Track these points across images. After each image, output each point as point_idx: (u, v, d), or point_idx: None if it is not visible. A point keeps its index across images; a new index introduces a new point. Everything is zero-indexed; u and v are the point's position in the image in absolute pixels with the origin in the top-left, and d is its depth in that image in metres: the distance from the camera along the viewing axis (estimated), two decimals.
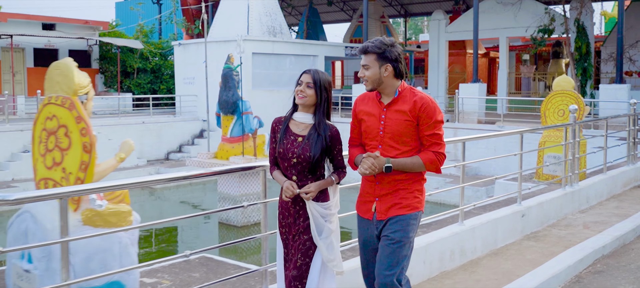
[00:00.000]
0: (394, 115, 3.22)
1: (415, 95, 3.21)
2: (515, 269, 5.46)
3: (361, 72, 3.27)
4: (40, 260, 3.51)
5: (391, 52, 3.20)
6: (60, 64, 3.73)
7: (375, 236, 3.34)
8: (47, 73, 3.79)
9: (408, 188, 3.25)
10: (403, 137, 3.21)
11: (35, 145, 3.83)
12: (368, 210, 3.35)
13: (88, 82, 3.78)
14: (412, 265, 4.99)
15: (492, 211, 6.48)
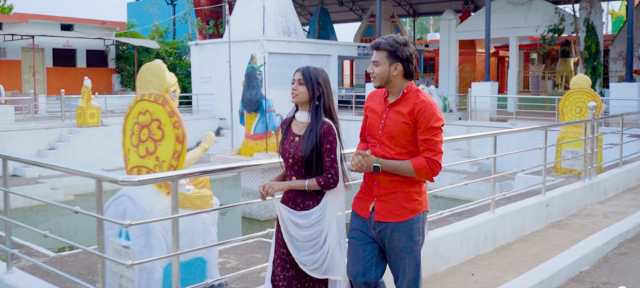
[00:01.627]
0: (394, 116, 3.17)
1: (417, 98, 3.13)
2: (544, 253, 5.93)
3: (371, 68, 3.21)
4: (139, 238, 4.00)
5: (403, 51, 3.14)
6: (152, 65, 4.21)
7: (370, 235, 3.27)
8: (139, 73, 4.28)
9: (406, 191, 3.19)
10: (399, 138, 3.15)
11: (127, 137, 4.32)
12: (365, 209, 3.28)
13: (175, 81, 4.27)
14: (451, 248, 5.51)
15: (519, 201, 6.95)
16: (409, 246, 3.19)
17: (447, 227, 5.69)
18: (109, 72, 28.38)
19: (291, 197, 3.22)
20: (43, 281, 4.27)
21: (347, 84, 37.94)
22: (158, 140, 4.09)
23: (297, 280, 3.21)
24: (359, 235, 3.29)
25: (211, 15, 29.93)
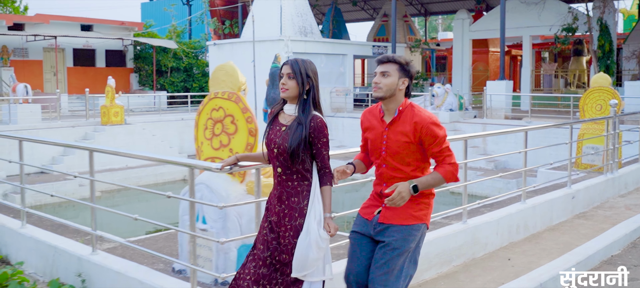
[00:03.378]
0: (396, 136, 3.21)
1: (414, 116, 3.18)
2: (573, 241, 6.32)
3: (378, 77, 3.21)
4: (216, 221, 4.44)
5: (411, 69, 3.24)
6: (225, 66, 4.64)
7: (369, 235, 3.31)
8: (212, 73, 4.72)
9: (416, 201, 3.23)
10: (405, 158, 3.21)
11: (200, 131, 4.75)
12: (370, 213, 3.33)
13: (245, 80, 4.70)
14: (487, 235, 5.92)
15: (547, 193, 7.35)
16: (403, 250, 3.17)
17: (483, 216, 6.11)
18: (127, 71, 28.90)
19: (276, 194, 3.17)
20: (126, 260, 4.70)
21: (358, 82, 38.34)
22: (231, 133, 4.52)
23: (267, 279, 3.12)
24: (358, 237, 3.34)
25: (226, 15, 30.42)
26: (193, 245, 3.94)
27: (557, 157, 13.20)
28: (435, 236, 5.30)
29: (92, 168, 4.73)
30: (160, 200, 17.53)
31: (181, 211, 4.76)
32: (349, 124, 21.09)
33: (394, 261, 3.15)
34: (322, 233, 3.05)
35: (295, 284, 3.12)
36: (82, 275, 4.66)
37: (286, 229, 3.10)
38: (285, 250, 3.10)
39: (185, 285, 4.06)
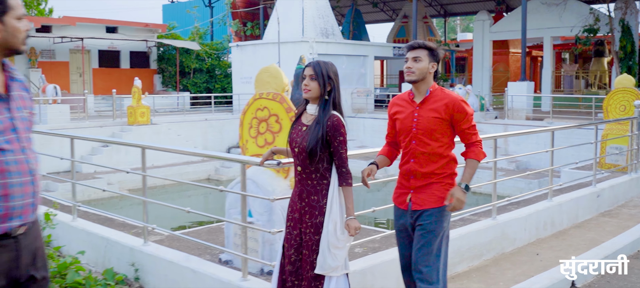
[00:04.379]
0: (427, 113, 3.43)
1: (446, 96, 3.43)
2: (599, 237, 6.51)
3: (410, 63, 3.42)
4: (262, 214, 4.71)
5: (439, 54, 3.50)
6: (270, 68, 4.92)
7: (410, 224, 3.52)
8: (257, 75, 5.00)
9: (441, 182, 3.46)
10: (435, 133, 3.42)
11: (245, 130, 5.04)
12: (403, 202, 3.54)
13: (288, 82, 4.96)
14: (516, 231, 6.13)
15: (573, 191, 7.54)
16: (437, 230, 3.42)
17: (512, 213, 6.32)
18: (151, 72, 29.40)
19: (297, 192, 3.30)
20: (175, 250, 5.00)
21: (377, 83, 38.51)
22: (276, 132, 4.79)
23: (294, 276, 3.28)
24: (401, 231, 3.59)
25: (247, 17, 30.81)
26: (244, 235, 4.21)
27: (579, 157, 13.29)
28: (466, 231, 5.54)
29: (144, 164, 5.04)
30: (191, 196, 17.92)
31: (228, 205, 5.04)
32: (370, 125, 21.29)
33: (431, 242, 3.41)
34: (339, 235, 3.17)
35: (318, 279, 3.22)
36: (135, 264, 4.96)
37: (307, 226, 3.23)
38: (306, 246, 3.23)
39: (237, 273, 4.34)
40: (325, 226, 3.18)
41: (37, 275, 2.32)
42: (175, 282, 4.65)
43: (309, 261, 3.22)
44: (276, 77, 4.85)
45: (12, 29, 2.21)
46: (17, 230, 2.22)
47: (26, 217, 2.23)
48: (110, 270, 4.93)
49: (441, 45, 30.75)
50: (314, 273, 3.20)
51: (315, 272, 3.20)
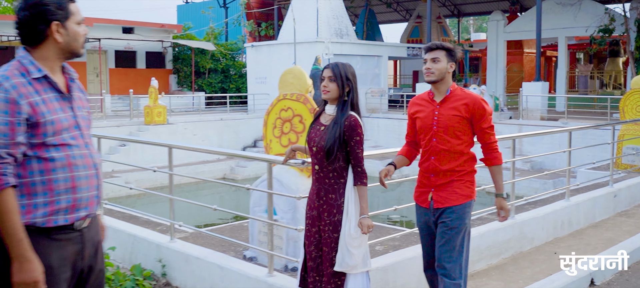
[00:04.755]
0: (447, 112, 3.52)
1: (467, 96, 3.52)
2: (616, 237, 6.57)
3: (429, 63, 3.52)
4: (286, 212, 4.84)
5: (457, 54, 3.60)
6: (294, 69, 5.04)
7: (433, 223, 3.62)
8: (281, 76, 5.12)
9: (461, 180, 3.55)
10: (456, 131, 3.52)
11: (269, 130, 5.16)
12: (425, 200, 3.64)
13: (311, 83, 5.08)
14: (533, 230, 6.20)
15: (590, 191, 7.59)
16: (459, 227, 3.51)
17: (530, 212, 6.40)
18: (166, 72, 29.67)
19: (315, 190, 3.37)
20: (201, 247, 5.14)
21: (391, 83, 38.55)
22: (299, 132, 4.91)
23: (315, 271, 3.37)
24: (424, 229, 3.70)
25: (261, 17, 30.97)
26: (271, 233, 4.34)
27: (594, 157, 13.31)
28: (485, 230, 5.62)
29: (171, 162, 5.18)
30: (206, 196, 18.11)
31: (252, 203, 5.17)
32: (384, 125, 21.37)
33: (454, 239, 3.51)
34: (353, 232, 3.24)
35: (337, 276, 3.29)
36: (162, 260, 5.10)
37: (325, 224, 3.30)
38: (325, 243, 3.31)
39: (263, 269, 4.46)
40: (343, 225, 3.26)
41: (96, 267, 2.46)
42: (202, 277, 4.78)
43: (329, 258, 3.29)
44: (300, 79, 4.97)
45: (73, 34, 2.35)
46: (82, 224, 2.36)
47: (91, 209, 2.38)
48: (138, 266, 5.07)
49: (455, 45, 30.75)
50: (333, 270, 3.28)
51: (335, 269, 3.28)
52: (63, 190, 2.27)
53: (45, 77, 2.29)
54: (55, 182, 2.25)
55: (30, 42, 2.31)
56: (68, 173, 2.27)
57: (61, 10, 2.30)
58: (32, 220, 2.22)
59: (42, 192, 2.24)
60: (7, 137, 2.15)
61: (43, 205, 2.24)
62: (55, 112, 2.27)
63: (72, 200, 2.29)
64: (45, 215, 2.24)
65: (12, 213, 2.13)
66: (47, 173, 2.24)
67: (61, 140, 2.28)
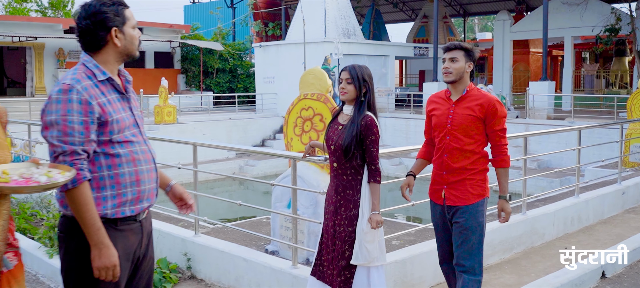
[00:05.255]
0: (462, 111, 3.58)
1: (482, 96, 3.56)
2: (625, 233, 6.73)
3: (448, 63, 3.59)
4: (308, 208, 5.03)
5: (475, 53, 3.63)
6: (314, 70, 5.23)
7: (447, 220, 3.70)
8: (302, 76, 5.30)
9: (474, 179, 3.60)
10: (469, 130, 3.57)
11: (290, 128, 5.35)
12: (439, 197, 3.71)
13: (331, 83, 5.27)
14: (544, 226, 6.38)
15: (599, 188, 7.76)
16: (474, 226, 3.58)
17: (540, 209, 6.57)
18: (174, 72, 29.91)
19: (333, 186, 3.52)
20: (225, 241, 5.33)
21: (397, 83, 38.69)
22: (320, 130, 5.10)
23: (332, 264, 3.49)
24: (439, 221, 3.76)
25: (268, 17, 31.16)
26: (295, 227, 4.53)
27: (601, 155, 13.48)
28: (498, 225, 5.78)
29: (196, 160, 5.38)
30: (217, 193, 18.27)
31: (274, 199, 5.36)
32: (391, 124, 21.54)
33: (470, 238, 3.59)
34: (365, 228, 3.37)
35: (348, 269, 3.41)
36: (187, 254, 5.30)
37: (342, 218, 3.43)
38: (339, 237, 3.44)
39: (286, 262, 4.65)
40: (359, 220, 3.40)
41: (148, 254, 2.67)
42: (227, 270, 4.97)
43: (341, 251, 3.42)
44: (320, 79, 5.16)
45: (130, 37, 2.54)
46: (142, 215, 2.57)
47: (152, 200, 2.58)
48: (164, 260, 5.26)
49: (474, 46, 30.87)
50: (344, 263, 3.42)
51: (352, 262, 3.40)
52: (128, 184, 2.47)
53: (109, 80, 2.49)
54: (121, 176, 2.45)
55: (91, 48, 2.50)
56: (132, 168, 2.48)
57: (118, 17, 2.50)
58: (103, 212, 2.42)
59: (110, 186, 2.44)
60: (82, 135, 2.34)
61: (111, 197, 2.44)
62: (118, 112, 2.47)
63: (137, 192, 2.50)
64: (114, 206, 2.44)
65: (91, 205, 2.33)
66: (114, 168, 2.44)
67: (124, 138, 2.48)
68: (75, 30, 2.52)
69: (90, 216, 2.32)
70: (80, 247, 2.40)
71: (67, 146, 2.31)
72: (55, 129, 2.32)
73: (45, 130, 2.34)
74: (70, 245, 2.44)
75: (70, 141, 2.32)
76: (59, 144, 2.32)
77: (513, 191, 6.28)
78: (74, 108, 2.33)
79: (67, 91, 2.34)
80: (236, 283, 4.88)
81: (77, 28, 2.49)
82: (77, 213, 2.33)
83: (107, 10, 2.46)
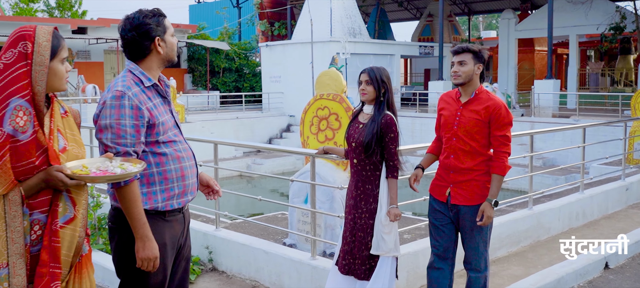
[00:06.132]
0: (469, 114, 3.60)
1: (489, 100, 3.58)
2: (629, 227, 6.94)
3: (456, 67, 3.60)
4: (324, 202, 5.27)
5: (484, 55, 3.64)
6: (330, 72, 5.48)
7: (449, 218, 3.73)
8: (317, 77, 5.55)
9: (480, 180, 3.63)
10: (474, 134, 3.59)
11: (306, 127, 5.60)
12: (442, 194, 3.74)
13: (346, 84, 5.51)
14: (550, 221, 6.61)
15: (603, 185, 7.98)
16: (479, 227, 3.63)
17: (546, 204, 6.80)
18: (181, 72, 30.20)
19: (353, 182, 3.70)
20: (245, 235, 5.58)
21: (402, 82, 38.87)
22: (336, 129, 5.34)
23: (351, 255, 3.67)
24: (440, 216, 3.76)
25: (273, 17, 31.41)
26: (314, 220, 4.77)
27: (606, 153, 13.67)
28: (506, 219, 6.04)
29: (216, 157, 5.63)
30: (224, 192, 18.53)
31: (291, 194, 5.62)
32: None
33: (477, 237, 3.68)
34: (383, 220, 3.56)
35: (372, 258, 3.62)
36: (209, 247, 5.55)
37: (362, 211, 3.62)
38: (360, 229, 3.63)
39: (306, 254, 4.90)
40: (377, 213, 3.61)
41: (187, 242, 2.94)
42: (248, 262, 5.22)
43: (364, 242, 3.62)
44: (336, 80, 5.40)
45: (170, 45, 2.79)
46: (186, 206, 2.81)
47: (194, 193, 2.84)
48: None
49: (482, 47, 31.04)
50: (367, 252, 3.62)
51: (371, 252, 3.61)
52: (175, 179, 2.72)
53: (154, 86, 2.73)
54: (168, 172, 2.70)
55: (137, 57, 2.74)
56: (177, 165, 2.73)
57: (159, 27, 2.74)
58: (154, 205, 2.68)
59: (159, 181, 2.69)
60: (134, 137, 2.58)
61: (160, 192, 2.69)
62: (162, 115, 2.72)
63: (182, 186, 2.75)
64: (163, 200, 2.70)
65: (139, 201, 2.56)
66: (161, 165, 2.69)
67: (168, 138, 2.73)
68: (121, 41, 2.76)
69: (138, 211, 2.56)
70: (129, 237, 2.64)
71: (121, 147, 2.56)
72: (109, 132, 2.56)
73: (100, 133, 2.59)
74: (122, 236, 2.69)
75: (123, 143, 2.56)
76: (113, 145, 2.56)
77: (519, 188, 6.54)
78: (126, 113, 2.57)
79: (119, 97, 2.58)
80: (256, 275, 5.13)
81: (123, 39, 2.73)
82: (126, 208, 2.56)
83: (149, 21, 2.70)
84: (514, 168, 17.50)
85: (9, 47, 2.25)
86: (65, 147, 2.35)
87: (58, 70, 2.33)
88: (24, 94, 2.21)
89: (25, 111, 2.20)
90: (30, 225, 2.24)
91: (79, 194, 2.34)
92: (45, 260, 2.22)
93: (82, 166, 2.29)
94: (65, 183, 2.23)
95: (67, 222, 2.29)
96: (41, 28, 2.31)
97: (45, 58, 2.27)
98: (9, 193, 2.16)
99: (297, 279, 4.78)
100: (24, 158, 2.19)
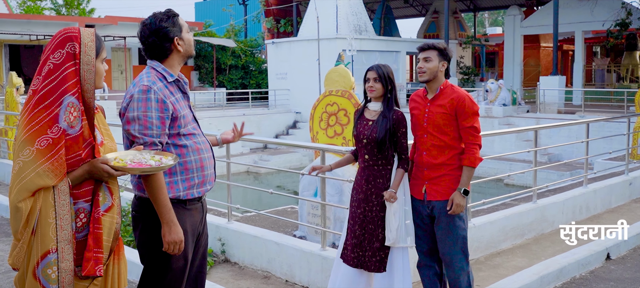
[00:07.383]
0: (436, 109, 3.68)
1: (454, 93, 3.64)
2: (631, 220, 7.05)
3: (421, 63, 3.68)
4: (334, 196, 5.43)
5: (448, 53, 3.70)
6: (339, 69, 5.63)
7: (426, 215, 3.78)
8: (327, 74, 5.71)
9: (454, 174, 3.68)
10: (443, 127, 3.66)
11: (316, 123, 5.75)
12: (419, 192, 3.78)
13: (354, 80, 5.66)
14: (553, 214, 6.75)
15: (606, 179, 8.11)
16: (456, 220, 3.68)
17: (550, 198, 6.94)
18: (188, 69, 30.38)
19: (364, 176, 3.74)
20: (255, 227, 5.75)
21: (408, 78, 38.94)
22: (344, 124, 5.50)
23: (359, 248, 3.73)
24: (420, 215, 3.80)
25: (279, 14, 31.56)
26: (324, 213, 4.93)
27: (610, 148, 13.78)
28: (510, 213, 6.19)
29: (229, 152, 5.79)
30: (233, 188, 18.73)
31: (301, 188, 5.78)
32: None
33: (452, 232, 3.71)
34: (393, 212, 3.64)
35: (382, 250, 3.70)
36: (222, 239, 5.72)
37: (373, 204, 3.69)
38: (371, 222, 3.70)
39: (316, 245, 5.06)
40: (388, 205, 3.69)
41: (205, 230, 3.11)
42: (259, 254, 5.39)
43: (375, 234, 3.70)
44: (344, 77, 5.56)
45: (188, 42, 2.95)
46: (204, 196, 2.97)
47: (212, 183, 3.01)
48: None
49: (472, 40, 31.10)
50: (378, 244, 3.70)
51: (385, 243, 3.69)
52: (195, 169, 2.88)
53: (176, 81, 2.89)
54: (189, 163, 2.86)
55: (159, 57, 2.89)
56: (197, 156, 2.89)
57: (175, 27, 2.90)
58: (176, 194, 2.84)
59: (180, 172, 2.85)
60: (159, 129, 2.75)
61: (181, 181, 2.86)
62: (184, 109, 2.88)
63: (202, 177, 2.91)
64: (185, 189, 2.86)
65: (164, 188, 2.72)
66: (183, 156, 2.85)
67: (188, 131, 2.89)
68: (142, 47, 2.92)
69: (164, 198, 2.72)
70: (153, 224, 2.81)
71: (147, 138, 2.72)
72: (136, 124, 2.73)
73: (127, 124, 2.75)
74: (146, 223, 2.85)
75: (150, 134, 2.73)
76: (140, 136, 2.72)
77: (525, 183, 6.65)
78: (152, 106, 2.73)
79: (146, 91, 2.75)
80: (268, 266, 5.30)
81: (144, 44, 2.89)
82: (152, 195, 2.72)
83: (166, 24, 2.86)
84: (519, 164, 17.68)
85: (56, 48, 2.41)
86: (102, 141, 2.53)
87: (100, 69, 2.52)
88: (74, 91, 2.39)
89: (76, 107, 2.39)
90: (75, 213, 2.42)
91: (114, 184, 2.53)
92: (91, 245, 2.40)
93: (118, 159, 2.46)
94: (110, 174, 2.43)
95: (106, 210, 2.49)
96: (84, 29, 2.47)
97: (92, 57, 2.44)
98: (58, 184, 2.34)
99: (307, 270, 4.94)
100: (72, 151, 2.39)
